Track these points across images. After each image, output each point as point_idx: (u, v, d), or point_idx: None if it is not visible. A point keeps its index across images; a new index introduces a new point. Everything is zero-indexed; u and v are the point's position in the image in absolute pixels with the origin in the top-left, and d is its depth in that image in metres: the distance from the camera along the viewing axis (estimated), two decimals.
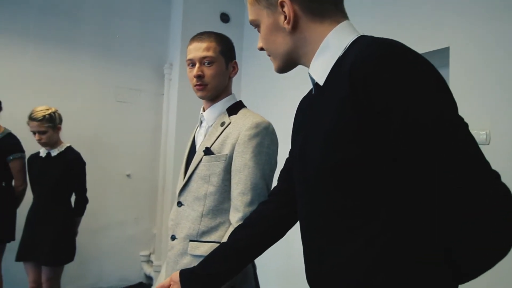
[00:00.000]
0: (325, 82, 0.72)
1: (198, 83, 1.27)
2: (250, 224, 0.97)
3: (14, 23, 3.20)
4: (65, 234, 2.33)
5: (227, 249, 0.95)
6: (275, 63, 0.82)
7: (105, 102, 3.58)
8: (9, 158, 2.47)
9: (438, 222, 0.63)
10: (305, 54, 0.77)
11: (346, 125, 0.64)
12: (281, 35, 0.77)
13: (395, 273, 0.64)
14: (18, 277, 2.70)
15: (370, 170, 0.64)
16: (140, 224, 3.75)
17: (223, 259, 0.93)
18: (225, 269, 0.94)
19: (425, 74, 0.61)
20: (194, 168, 1.26)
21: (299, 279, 3.35)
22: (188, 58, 1.30)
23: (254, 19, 0.81)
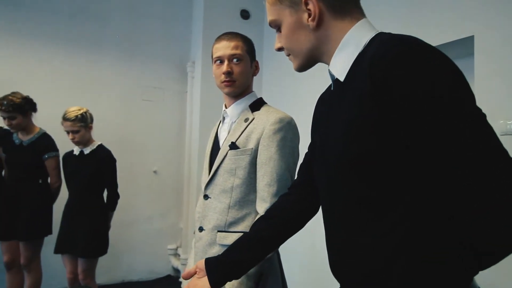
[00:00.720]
0: (345, 78, 0.75)
1: (226, 79, 1.32)
2: (271, 216, 1.01)
3: (45, 27, 3.36)
4: (98, 228, 2.44)
5: (250, 239, 0.99)
6: (296, 62, 0.84)
7: (131, 102, 3.71)
8: (45, 156, 2.60)
9: (457, 210, 0.65)
10: (326, 51, 0.79)
11: (367, 118, 0.67)
12: (304, 33, 0.79)
13: (415, 260, 0.67)
14: (56, 268, 2.86)
15: (389, 161, 0.67)
16: (167, 219, 3.87)
17: (246, 248, 0.97)
18: (248, 258, 0.97)
19: (442, 68, 0.63)
20: (220, 162, 1.32)
21: (323, 270, 3.38)
22: (216, 56, 1.34)
23: (275, 19, 0.82)
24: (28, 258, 2.55)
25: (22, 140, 2.60)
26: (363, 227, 0.72)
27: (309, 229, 3.20)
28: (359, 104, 0.68)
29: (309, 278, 3.02)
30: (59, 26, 3.42)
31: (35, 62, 3.33)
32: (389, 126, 0.65)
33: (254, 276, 1.22)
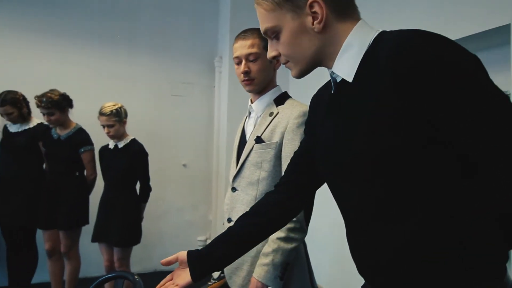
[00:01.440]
0: (354, 78, 0.75)
1: (245, 78, 1.36)
2: (255, 213, 1.01)
3: (80, 26, 3.51)
4: (132, 219, 2.55)
5: (232, 235, 0.99)
6: (296, 68, 0.82)
7: (161, 97, 3.81)
8: (81, 150, 2.73)
9: (491, 200, 0.66)
10: (329, 54, 0.79)
11: (391, 114, 0.67)
12: (307, 37, 0.77)
13: (444, 255, 0.68)
14: (93, 257, 3.01)
15: (413, 157, 0.68)
16: (197, 211, 3.97)
17: (228, 244, 0.98)
18: (229, 254, 0.98)
19: (464, 49, 0.65)
20: (246, 156, 1.35)
21: (352, 262, 3.36)
22: (234, 56, 1.38)
23: (273, 25, 0.79)
24: (68, 246, 2.70)
25: (60, 135, 2.74)
26: (391, 222, 0.72)
27: (338, 222, 3.18)
28: (381, 101, 0.68)
29: (338, 270, 3.03)
30: (93, 25, 3.55)
31: (71, 60, 3.48)
32: (416, 120, 0.65)
33: (280, 266, 1.25)
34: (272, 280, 1.24)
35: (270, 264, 1.24)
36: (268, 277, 1.24)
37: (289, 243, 1.26)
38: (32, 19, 3.36)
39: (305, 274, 1.38)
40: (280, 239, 1.26)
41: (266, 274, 1.24)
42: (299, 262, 1.35)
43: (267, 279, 1.24)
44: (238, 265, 1.34)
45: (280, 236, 1.26)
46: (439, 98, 0.63)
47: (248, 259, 1.33)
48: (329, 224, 2.86)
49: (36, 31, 3.37)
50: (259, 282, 1.24)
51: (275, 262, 1.24)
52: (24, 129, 2.87)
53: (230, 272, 1.36)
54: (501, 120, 0.61)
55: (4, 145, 2.88)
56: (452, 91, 0.62)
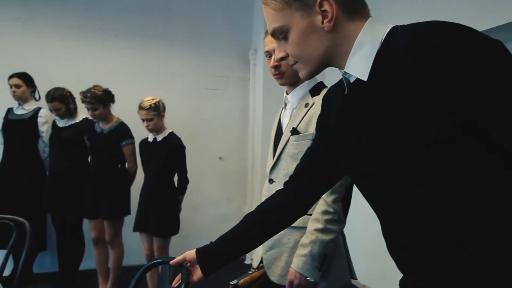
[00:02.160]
0: (369, 76, 0.73)
1: (276, 72, 1.35)
2: (264, 211, 1.02)
3: (118, 24, 3.63)
4: (170, 210, 2.63)
5: (241, 232, 1.01)
6: (305, 69, 0.81)
7: (197, 91, 3.87)
8: (122, 144, 2.85)
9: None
10: (339, 54, 0.77)
11: (414, 109, 0.65)
12: (317, 37, 0.76)
13: (485, 244, 0.66)
14: (135, 246, 3.14)
15: (443, 149, 0.66)
16: (232, 204, 4.02)
17: (236, 241, 1.01)
18: (237, 250, 1.01)
19: (490, 39, 0.62)
20: (283, 148, 1.36)
21: (389, 259, 3.26)
22: (265, 50, 1.38)
23: (282, 25, 0.78)
24: (112, 235, 2.84)
25: (103, 129, 2.86)
26: (417, 219, 0.72)
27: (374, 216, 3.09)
28: (401, 98, 0.66)
29: (376, 265, 2.97)
30: (131, 23, 3.67)
31: (111, 56, 3.62)
32: (439, 113, 0.63)
33: (319, 257, 1.25)
34: (310, 271, 1.25)
35: (308, 255, 1.25)
36: (306, 268, 1.25)
37: (327, 234, 1.26)
38: (74, 19, 3.52)
39: (344, 265, 1.37)
40: (318, 230, 1.25)
41: (304, 265, 1.25)
42: (338, 254, 1.35)
43: (305, 270, 1.25)
44: (276, 256, 1.36)
45: (318, 227, 1.25)
46: (464, 86, 0.61)
47: (287, 249, 1.34)
48: (366, 219, 2.80)
49: (79, 30, 3.53)
50: (298, 273, 1.26)
51: (313, 253, 1.25)
52: (71, 124, 3.03)
53: (269, 262, 1.38)
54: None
55: (53, 140, 3.06)
56: (478, 77, 0.60)
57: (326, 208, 1.26)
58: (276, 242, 1.36)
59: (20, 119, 3.12)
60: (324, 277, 1.30)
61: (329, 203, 1.26)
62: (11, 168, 3.09)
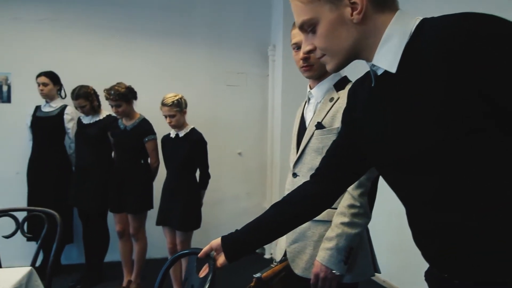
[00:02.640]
0: (398, 68, 0.73)
1: (304, 65, 1.35)
2: (290, 202, 1.04)
3: (141, 23, 3.70)
4: (192, 205, 2.67)
5: (266, 222, 1.03)
6: (333, 62, 0.81)
7: (217, 87, 3.91)
8: (145, 139, 2.91)
9: None
10: (367, 46, 0.77)
11: (445, 101, 0.66)
12: (346, 29, 0.76)
13: None
14: (158, 239, 3.21)
15: (474, 141, 0.66)
16: (252, 199, 4.06)
17: (261, 230, 1.02)
18: (262, 239, 1.03)
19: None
20: (307, 142, 1.36)
21: (411, 251, 3.24)
22: (293, 42, 1.37)
23: (310, 17, 0.78)
24: (135, 228, 2.91)
25: (126, 125, 2.93)
26: (444, 211, 0.72)
27: (395, 211, 3.11)
28: (431, 89, 0.67)
29: (397, 260, 2.96)
30: (152, 21, 3.73)
31: (133, 54, 3.69)
32: (472, 105, 0.64)
33: (344, 251, 1.25)
34: (336, 264, 1.25)
35: (334, 248, 1.25)
36: (332, 261, 1.25)
37: (353, 228, 1.26)
38: (97, 18, 3.60)
39: (369, 259, 1.38)
40: (344, 224, 1.26)
41: (330, 258, 1.25)
42: (363, 247, 1.35)
43: (331, 263, 1.25)
44: (301, 249, 1.36)
45: (344, 221, 1.26)
46: (497, 69, 0.61)
47: (311, 243, 1.34)
48: (387, 213, 2.79)
49: (101, 29, 3.61)
50: (323, 266, 1.26)
51: (339, 247, 1.25)
52: (95, 121, 3.12)
53: (293, 255, 1.39)
54: None
55: (78, 136, 3.16)
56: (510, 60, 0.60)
57: (352, 202, 1.26)
58: (300, 236, 1.37)
59: (47, 117, 3.23)
60: (350, 271, 1.30)
61: (355, 197, 1.26)
62: (40, 164, 3.21)
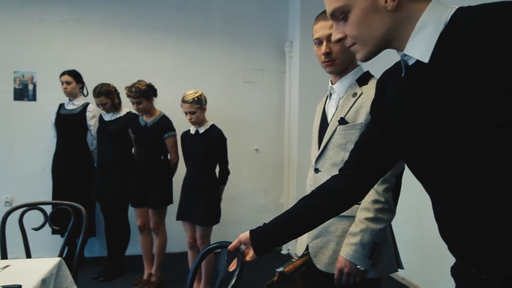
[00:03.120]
0: (431, 58, 0.72)
1: (326, 59, 1.34)
2: (319, 196, 1.03)
3: (158, 21, 3.75)
4: (212, 200, 2.71)
5: (296, 215, 1.03)
6: (364, 50, 0.80)
7: (234, 84, 3.94)
8: (165, 136, 2.97)
9: None
10: (399, 35, 0.76)
11: (480, 91, 0.65)
12: (378, 17, 0.75)
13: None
14: (177, 234, 3.27)
15: (508, 133, 0.65)
16: (269, 195, 4.08)
17: (288, 222, 1.03)
18: (291, 232, 1.04)
19: None
20: (329, 138, 1.36)
21: (430, 249, 3.22)
22: (315, 37, 1.36)
23: (343, 5, 0.78)
24: (156, 223, 2.98)
25: (146, 122, 2.99)
26: (473, 204, 0.72)
27: (415, 208, 3.09)
28: (466, 80, 0.66)
29: (417, 257, 2.94)
30: (170, 18, 3.78)
31: (152, 52, 3.75)
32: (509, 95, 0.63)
33: (369, 246, 1.25)
34: (361, 259, 1.25)
35: (359, 243, 1.25)
36: (356, 257, 1.25)
37: (377, 223, 1.25)
38: (117, 18, 3.68)
39: (392, 254, 1.38)
40: (368, 219, 1.26)
41: (355, 254, 1.25)
42: (387, 243, 1.35)
43: (355, 258, 1.25)
44: (324, 244, 1.37)
45: (368, 216, 1.26)
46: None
47: (334, 238, 1.34)
48: (407, 210, 2.78)
49: (122, 29, 3.69)
50: (348, 261, 1.26)
51: (364, 242, 1.25)
52: (116, 118, 3.20)
53: (315, 250, 1.39)
54: None
55: (100, 133, 3.24)
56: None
57: (377, 197, 1.26)
58: (323, 231, 1.37)
59: (71, 114, 3.33)
60: (374, 266, 1.30)
61: (380, 193, 1.26)
62: (64, 160, 3.31)
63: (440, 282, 2.77)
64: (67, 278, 1.58)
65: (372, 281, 1.34)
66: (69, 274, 1.61)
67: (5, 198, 3.52)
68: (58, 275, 1.52)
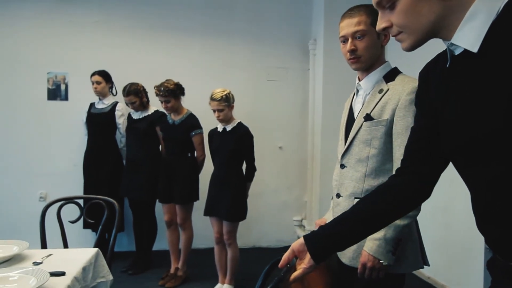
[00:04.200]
0: (480, 48, 0.71)
1: (351, 57, 1.35)
2: (379, 195, 0.98)
3: (184, 21, 3.84)
4: (239, 196, 2.76)
5: (356, 212, 0.97)
6: (410, 39, 0.79)
7: (258, 82, 3.98)
8: (192, 134, 3.04)
9: None
10: (448, 23, 0.74)
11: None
12: (428, 5, 0.74)
13: None
14: (202, 230, 3.34)
15: None
16: (292, 192, 4.10)
17: (350, 221, 0.96)
18: (353, 230, 0.95)
19: None
20: (355, 133, 1.37)
21: (457, 251, 3.16)
22: (340, 35, 1.38)
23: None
24: (183, 218, 3.06)
25: (174, 120, 3.07)
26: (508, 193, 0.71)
27: (441, 207, 3.04)
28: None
29: (443, 256, 2.89)
30: (195, 19, 3.86)
31: (178, 52, 3.84)
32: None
33: (393, 241, 1.26)
34: (384, 254, 1.26)
35: (382, 239, 1.26)
36: (380, 252, 1.26)
37: (401, 219, 1.25)
38: (144, 19, 3.78)
39: (418, 251, 1.38)
40: None
41: (378, 249, 1.26)
42: (412, 239, 1.35)
43: (379, 253, 1.26)
44: None
45: None
46: None
47: None
48: (432, 209, 2.74)
49: (149, 29, 3.79)
50: (371, 256, 1.27)
51: (387, 237, 1.25)
52: (144, 116, 3.29)
53: None
54: None
55: (128, 131, 3.35)
56: None
57: None
58: None
59: (101, 113, 3.45)
60: (398, 261, 1.30)
61: None
62: (94, 157, 3.43)
63: (466, 282, 2.73)
64: (104, 268, 1.66)
65: (397, 277, 1.34)
66: (105, 264, 1.69)
67: (40, 194, 3.68)
68: (95, 264, 1.60)
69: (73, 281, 1.32)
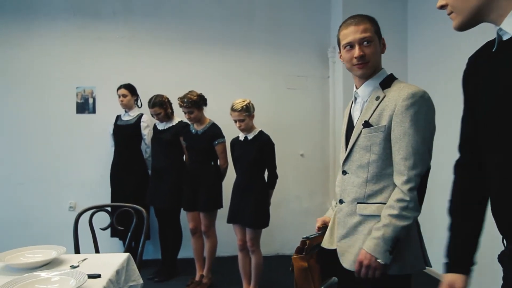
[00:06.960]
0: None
1: (360, 62, 1.38)
2: (468, 203, 0.99)
3: (205, 34, 3.94)
4: (262, 204, 2.80)
5: (468, 232, 0.99)
6: (458, 19, 0.82)
7: (278, 91, 4.04)
8: (215, 143, 3.11)
9: None
10: (497, 8, 0.76)
11: None
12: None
13: None
14: (226, 238, 3.38)
15: None
16: (314, 199, 4.10)
17: (470, 240, 0.98)
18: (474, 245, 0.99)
19: None
20: (355, 140, 1.41)
21: None
22: (345, 42, 1.40)
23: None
24: (207, 226, 3.11)
25: (197, 130, 3.15)
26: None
27: None
28: None
29: None
30: (215, 30, 3.96)
31: (199, 64, 3.95)
32: None
33: (391, 241, 1.28)
34: (381, 253, 1.28)
35: (381, 238, 1.28)
36: (377, 250, 1.28)
37: (401, 220, 1.28)
38: (167, 33, 3.91)
39: (418, 252, 1.39)
40: (392, 215, 1.29)
41: (376, 247, 1.29)
42: (411, 240, 1.36)
43: (376, 252, 1.28)
44: (351, 243, 1.40)
45: (392, 213, 1.29)
46: None
47: (361, 237, 1.37)
48: (441, 209, 2.68)
49: (171, 43, 3.92)
50: (368, 254, 1.29)
51: (386, 237, 1.28)
52: (168, 127, 3.39)
53: (343, 250, 1.42)
54: None
55: (153, 141, 3.45)
56: None
57: (402, 196, 1.29)
58: (351, 230, 1.40)
59: (127, 125, 3.57)
60: (396, 261, 1.31)
61: (405, 192, 1.28)
62: (121, 167, 3.55)
63: (476, 280, 2.65)
64: (135, 272, 1.73)
65: (401, 279, 1.35)
66: (136, 268, 1.76)
67: (70, 203, 3.82)
68: (127, 268, 1.67)
69: (108, 283, 1.40)
